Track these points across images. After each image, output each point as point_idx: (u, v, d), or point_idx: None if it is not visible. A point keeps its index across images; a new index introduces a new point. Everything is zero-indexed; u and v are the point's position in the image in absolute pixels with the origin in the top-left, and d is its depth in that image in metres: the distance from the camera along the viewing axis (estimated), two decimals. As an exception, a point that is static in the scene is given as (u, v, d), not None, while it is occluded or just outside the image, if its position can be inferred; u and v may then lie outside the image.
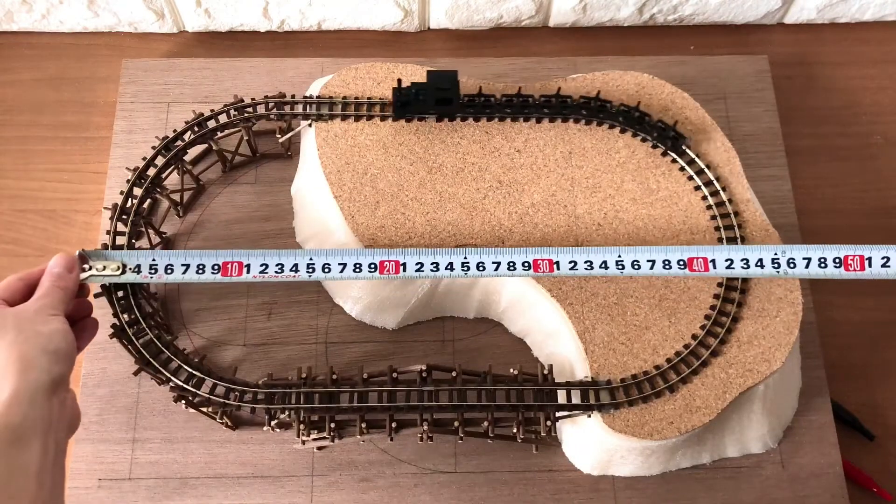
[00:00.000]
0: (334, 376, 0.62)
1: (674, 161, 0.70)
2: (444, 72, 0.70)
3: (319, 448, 0.68)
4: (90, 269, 0.59)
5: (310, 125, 0.71)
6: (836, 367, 0.74)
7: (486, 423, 0.63)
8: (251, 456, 0.68)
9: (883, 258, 0.60)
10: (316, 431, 0.63)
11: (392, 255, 0.61)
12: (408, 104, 0.69)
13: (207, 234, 0.76)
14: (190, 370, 0.62)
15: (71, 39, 0.88)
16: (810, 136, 0.85)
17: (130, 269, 0.60)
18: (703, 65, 0.84)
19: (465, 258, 0.61)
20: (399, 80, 0.70)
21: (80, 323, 0.57)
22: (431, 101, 0.69)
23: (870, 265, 0.60)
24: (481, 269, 0.61)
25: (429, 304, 0.71)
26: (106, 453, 0.68)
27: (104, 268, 0.59)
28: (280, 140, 0.76)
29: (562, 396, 0.62)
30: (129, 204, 0.68)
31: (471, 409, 0.62)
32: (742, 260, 0.61)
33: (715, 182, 0.69)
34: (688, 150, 0.70)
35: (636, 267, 0.61)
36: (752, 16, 0.89)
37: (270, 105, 0.71)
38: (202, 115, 0.71)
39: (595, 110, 0.71)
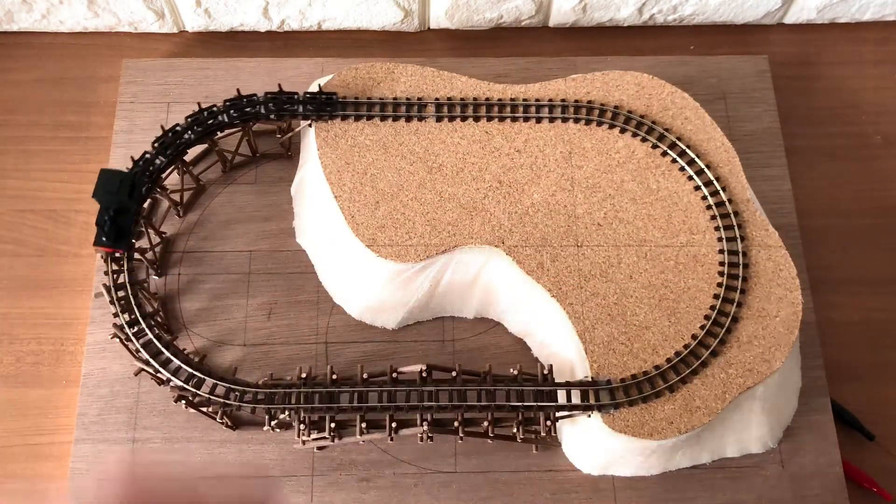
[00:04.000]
0: (334, 376, 0.62)
1: (674, 161, 0.70)
2: (102, 179, 0.65)
3: (319, 448, 0.68)
4: None
5: (310, 125, 0.71)
6: (836, 367, 0.74)
7: (486, 423, 0.63)
8: (251, 456, 0.68)
9: None
10: (316, 431, 0.63)
11: None
12: (120, 230, 0.65)
13: (207, 233, 0.75)
14: (190, 370, 0.62)
15: (71, 39, 0.88)
16: (810, 136, 0.85)
17: None
18: (703, 65, 0.84)
19: None
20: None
21: None
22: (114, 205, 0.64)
23: None
24: None
25: (429, 304, 0.71)
26: (106, 453, 0.68)
27: None
28: (280, 140, 0.76)
29: (562, 396, 0.62)
30: (129, 204, 0.68)
31: (471, 409, 0.62)
32: None
33: (715, 182, 0.69)
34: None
35: None
36: (752, 16, 0.89)
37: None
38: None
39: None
